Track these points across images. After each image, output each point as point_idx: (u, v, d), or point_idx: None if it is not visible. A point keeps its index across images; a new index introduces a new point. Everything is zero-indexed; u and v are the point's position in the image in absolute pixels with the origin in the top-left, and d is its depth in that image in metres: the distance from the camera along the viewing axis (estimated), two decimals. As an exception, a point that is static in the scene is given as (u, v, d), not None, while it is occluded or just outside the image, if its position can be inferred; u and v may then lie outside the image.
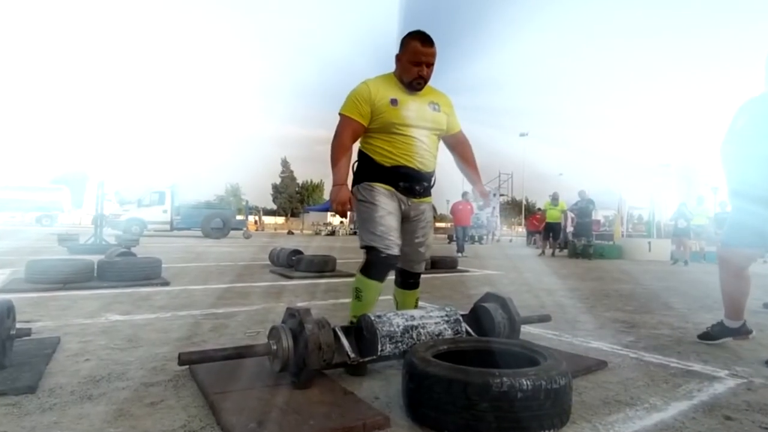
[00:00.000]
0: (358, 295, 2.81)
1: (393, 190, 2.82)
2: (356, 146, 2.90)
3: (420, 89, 2.85)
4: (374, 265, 2.76)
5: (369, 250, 2.77)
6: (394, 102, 2.78)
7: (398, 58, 2.86)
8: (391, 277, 3.08)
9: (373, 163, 2.83)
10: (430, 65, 2.80)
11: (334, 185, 2.73)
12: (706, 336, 3.33)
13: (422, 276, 3.17)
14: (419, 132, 2.83)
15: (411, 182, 2.85)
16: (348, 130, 2.79)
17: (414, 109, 2.83)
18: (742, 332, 3.29)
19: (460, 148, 3.13)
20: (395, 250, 2.75)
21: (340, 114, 2.83)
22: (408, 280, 3.10)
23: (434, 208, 3.06)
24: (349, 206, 2.72)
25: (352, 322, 2.72)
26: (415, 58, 2.76)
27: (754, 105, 3.09)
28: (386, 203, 2.78)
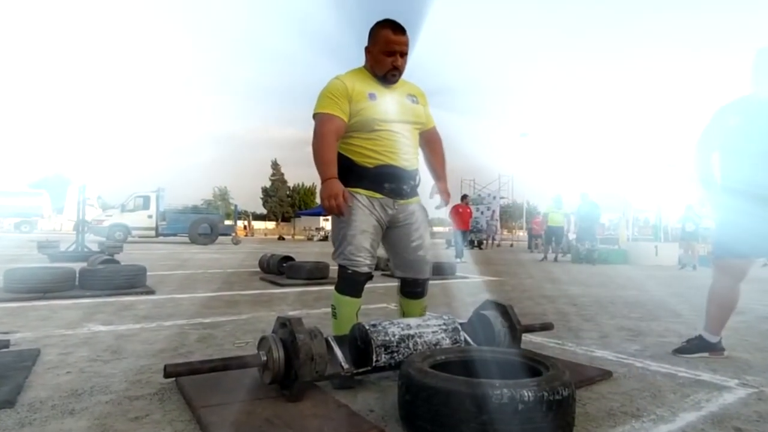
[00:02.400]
0: (333, 312, 2.82)
1: (377, 196, 2.75)
2: None
3: (395, 81, 2.81)
4: (343, 281, 2.78)
5: (339, 266, 2.79)
6: (372, 96, 2.72)
7: (368, 50, 2.80)
8: (393, 283, 3.07)
9: (355, 165, 2.76)
10: (403, 54, 2.75)
11: (324, 181, 2.60)
12: (684, 350, 3.31)
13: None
14: (401, 127, 2.78)
15: (397, 182, 2.79)
16: (329, 127, 2.66)
17: (393, 102, 2.78)
18: (719, 348, 3.28)
19: (432, 144, 3.07)
20: (363, 269, 2.74)
21: (316, 114, 2.72)
22: (414, 290, 2.99)
23: (425, 210, 3.02)
24: (342, 199, 2.56)
25: None
26: (388, 47, 2.70)
27: (745, 105, 3.13)
28: (362, 220, 2.72)
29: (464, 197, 14.81)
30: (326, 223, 41.72)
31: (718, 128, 3.20)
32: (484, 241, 26.53)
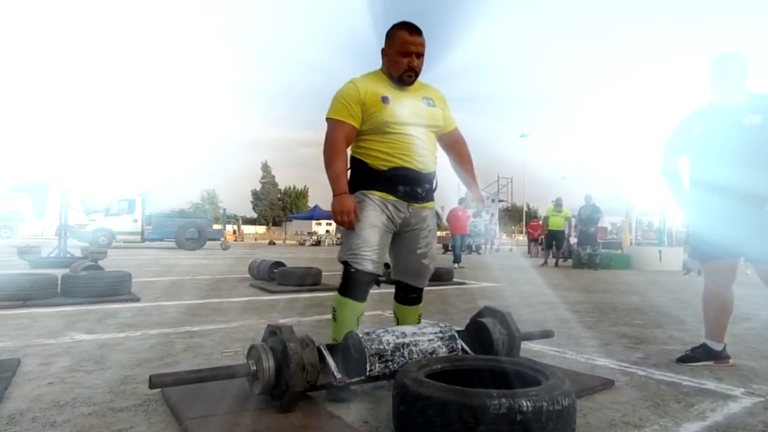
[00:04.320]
0: (333, 315, 2.82)
1: (391, 198, 2.77)
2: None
3: (411, 83, 2.84)
4: (346, 281, 2.77)
5: (343, 265, 2.79)
6: (385, 99, 2.76)
7: (384, 52, 2.86)
8: (390, 289, 3.07)
9: (369, 168, 2.79)
10: (420, 55, 2.79)
11: (335, 195, 2.69)
12: (688, 359, 3.33)
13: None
14: (416, 130, 2.81)
15: (412, 185, 2.81)
16: (340, 133, 2.74)
17: (408, 105, 2.81)
18: (723, 356, 3.31)
19: (456, 147, 3.11)
20: (368, 267, 2.72)
21: (328, 119, 2.79)
22: (409, 295, 3.03)
23: (438, 215, 3.03)
24: (354, 215, 2.67)
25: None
26: (404, 48, 2.75)
27: (706, 113, 3.31)
28: (373, 216, 2.74)
29: (462, 200, 14.82)
30: (318, 228, 41.73)
31: (683, 135, 3.38)
32: (483, 246, 26.54)
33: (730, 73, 3.19)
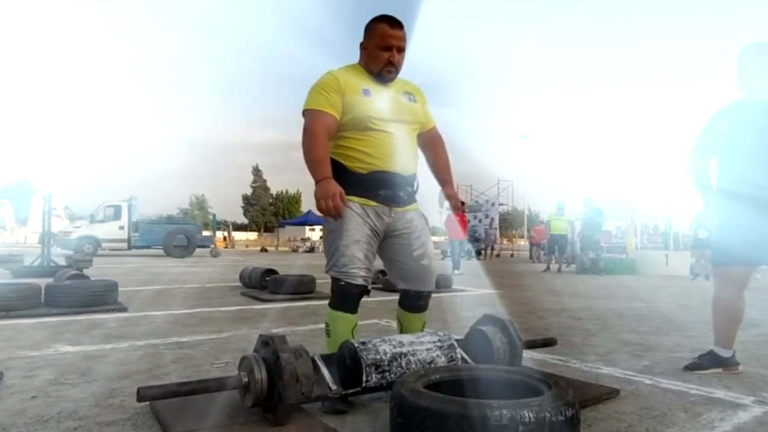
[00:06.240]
0: (327, 330, 2.80)
1: (371, 204, 2.75)
2: None
3: (391, 78, 2.83)
4: (336, 295, 2.76)
5: (331, 279, 2.78)
6: (366, 92, 2.74)
7: (363, 46, 2.84)
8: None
9: (346, 171, 2.75)
10: (401, 50, 2.78)
11: (318, 182, 2.61)
12: (695, 366, 3.34)
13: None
14: (397, 127, 2.79)
15: (393, 189, 2.79)
16: (320, 124, 2.68)
17: (389, 100, 2.79)
18: (732, 363, 3.31)
19: (433, 146, 3.09)
20: (358, 280, 2.71)
21: (305, 111, 2.74)
22: (417, 302, 2.99)
23: (425, 217, 3.02)
24: (340, 200, 2.56)
25: None
26: (384, 42, 2.73)
27: (734, 107, 3.30)
28: (355, 229, 2.71)
29: (461, 204, 14.84)
30: (312, 234, 41.67)
31: (711, 133, 3.36)
32: (483, 251, 26.56)
33: (759, 63, 3.16)
